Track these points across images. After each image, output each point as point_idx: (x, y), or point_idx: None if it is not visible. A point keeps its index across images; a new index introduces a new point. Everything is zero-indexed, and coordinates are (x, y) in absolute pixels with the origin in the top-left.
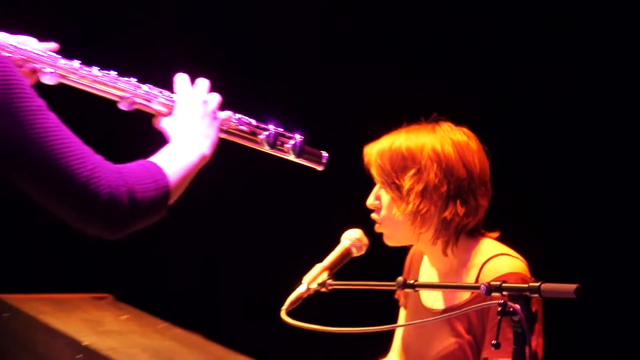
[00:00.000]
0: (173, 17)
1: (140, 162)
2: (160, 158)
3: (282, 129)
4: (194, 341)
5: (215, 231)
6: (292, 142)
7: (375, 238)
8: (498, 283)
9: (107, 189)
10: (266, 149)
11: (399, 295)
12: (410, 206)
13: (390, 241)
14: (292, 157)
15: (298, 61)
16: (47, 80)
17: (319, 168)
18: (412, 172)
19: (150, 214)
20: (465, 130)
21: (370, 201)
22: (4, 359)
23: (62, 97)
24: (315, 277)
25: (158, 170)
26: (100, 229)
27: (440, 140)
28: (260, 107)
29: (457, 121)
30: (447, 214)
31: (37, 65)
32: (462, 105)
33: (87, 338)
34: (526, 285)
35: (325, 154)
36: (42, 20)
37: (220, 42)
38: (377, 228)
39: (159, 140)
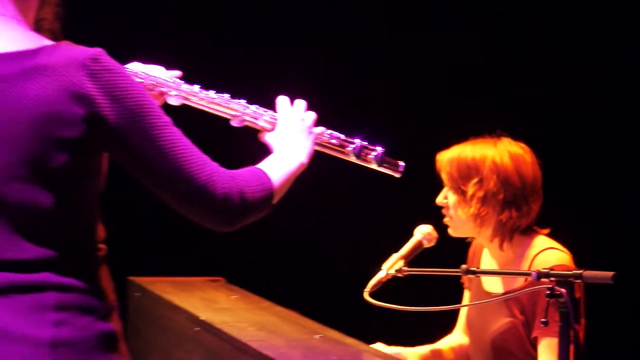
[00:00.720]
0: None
1: (249, 168)
2: (266, 165)
3: (366, 142)
4: (292, 317)
5: (308, 227)
6: (374, 153)
7: (443, 233)
8: (547, 270)
9: (222, 191)
10: (352, 159)
11: (464, 279)
12: (472, 209)
13: (454, 233)
14: (374, 166)
15: (377, 88)
16: (173, 101)
17: (397, 175)
18: (475, 180)
19: (257, 211)
20: (522, 144)
21: (440, 199)
22: (136, 330)
23: (186, 116)
24: (392, 265)
25: (264, 175)
26: (216, 223)
27: (500, 153)
28: (347, 124)
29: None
30: (503, 217)
31: (164, 89)
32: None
33: (204, 313)
34: (570, 272)
35: (402, 163)
36: (168, 53)
37: (317, 69)
38: (446, 221)
39: (263, 151)
